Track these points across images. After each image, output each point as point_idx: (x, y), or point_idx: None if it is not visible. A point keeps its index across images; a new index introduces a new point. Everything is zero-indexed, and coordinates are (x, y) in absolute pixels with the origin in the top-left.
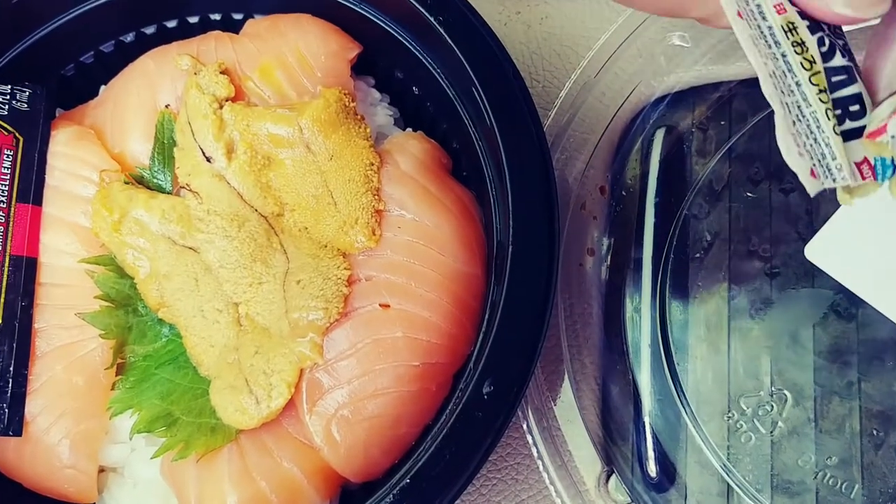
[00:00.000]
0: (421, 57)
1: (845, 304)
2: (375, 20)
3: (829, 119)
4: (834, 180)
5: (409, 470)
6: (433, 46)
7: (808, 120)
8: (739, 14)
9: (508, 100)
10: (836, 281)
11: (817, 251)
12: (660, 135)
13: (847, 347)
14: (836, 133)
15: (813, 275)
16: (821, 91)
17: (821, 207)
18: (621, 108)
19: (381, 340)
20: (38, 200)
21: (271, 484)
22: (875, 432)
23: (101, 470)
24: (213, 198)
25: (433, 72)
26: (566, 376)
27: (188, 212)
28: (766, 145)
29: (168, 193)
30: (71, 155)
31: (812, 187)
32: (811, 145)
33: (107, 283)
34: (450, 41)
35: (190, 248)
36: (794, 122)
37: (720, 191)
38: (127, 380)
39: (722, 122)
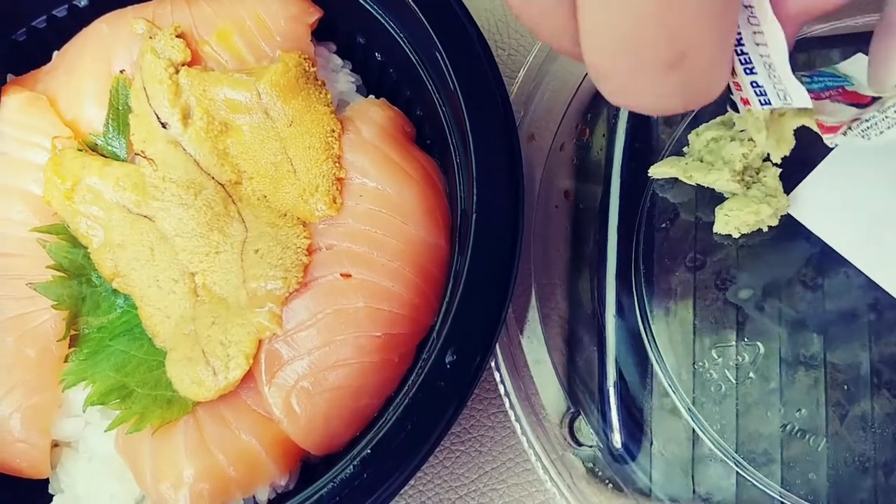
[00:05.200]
0: (384, 22)
1: (813, 270)
2: None
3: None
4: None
5: (370, 441)
6: (396, 11)
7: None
8: None
9: (473, 65)
10: (806, 244)
11: (797, 205)
12: None
13: (814, 310)
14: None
15: (784, 238)
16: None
17: (789, 175)
18: (588, 76)
19: (342, 310)
20: None
21: (229, 456)
22: (846, 388)
23: (55, 444)
24: (168, 165)
25: (396, 37)
26: (536, 317)
27: (143, 179)
28: None
29: (122, 161)
30: (22, 122)
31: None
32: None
33: (59, 252)
34: (413, 6)
35: (145, 217)
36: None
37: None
38: (80, 352)
39: None
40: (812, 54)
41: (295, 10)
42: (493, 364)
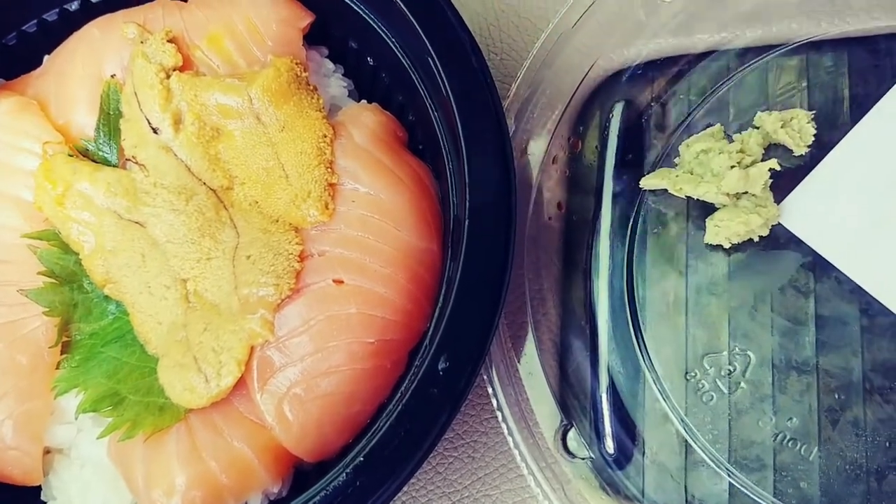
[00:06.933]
0: (376, 26)
1: (804, 278)
2: None
3: None
4: None
5: (362, 448)
6: (388, 15)
7: None
8: None
9: (465, 70)
10: (796, 253)
11: (788, 214)
12: (618, 109)
13: (805, 318)
14: None
15: (775, 247)
16: None
17: (779, 184)
18: (581, 83)
19: (334, 317)
20: None
21: (221, 463)
22: (837, 395)
23: (47, 451)
24: (159, 170)
25: (388, 42)
26: (529, 329)
27: (134, 185)
28: (724, 119)
29: (114, 166)
30: (13, 126)
31: None
32: None
33: (51, 258)
34: (405, 10)
35: (136, 223)
36: None
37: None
38: (72, 358)
39: (680, 97)
40: (805, 59)
41: (286, 15)
42: (485, 377)
